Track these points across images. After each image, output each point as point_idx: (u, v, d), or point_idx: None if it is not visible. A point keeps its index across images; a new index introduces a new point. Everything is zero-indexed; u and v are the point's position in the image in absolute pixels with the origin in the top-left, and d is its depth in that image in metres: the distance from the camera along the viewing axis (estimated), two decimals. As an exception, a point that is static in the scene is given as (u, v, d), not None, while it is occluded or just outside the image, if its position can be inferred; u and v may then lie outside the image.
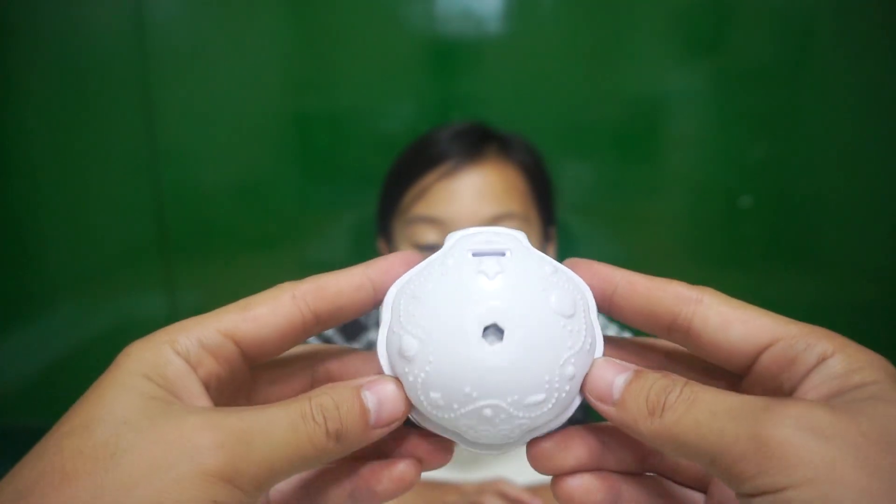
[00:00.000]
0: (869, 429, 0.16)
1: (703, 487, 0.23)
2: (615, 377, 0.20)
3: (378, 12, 1.12)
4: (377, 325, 0.78)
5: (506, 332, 0.20)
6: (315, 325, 0.22)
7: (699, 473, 0.23)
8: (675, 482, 0.23)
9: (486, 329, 0.20)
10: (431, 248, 0.66)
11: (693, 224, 1.23)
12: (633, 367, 0.21)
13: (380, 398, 0.20)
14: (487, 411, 0.20)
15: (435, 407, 0.21)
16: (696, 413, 0.18)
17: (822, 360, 0.19)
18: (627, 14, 1.13)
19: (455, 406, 0.20)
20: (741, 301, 0.21)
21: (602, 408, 0.20)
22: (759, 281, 1.25)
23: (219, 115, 1.17)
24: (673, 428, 0.18)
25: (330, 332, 0.78)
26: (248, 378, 0.23)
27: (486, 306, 0.20)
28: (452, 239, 0.24)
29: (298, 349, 0.25)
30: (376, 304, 0.23)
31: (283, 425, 0.19)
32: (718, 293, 0.21)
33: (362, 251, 1.22)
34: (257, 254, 1.24)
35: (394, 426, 0.21)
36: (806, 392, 0.18)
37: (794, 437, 0.16)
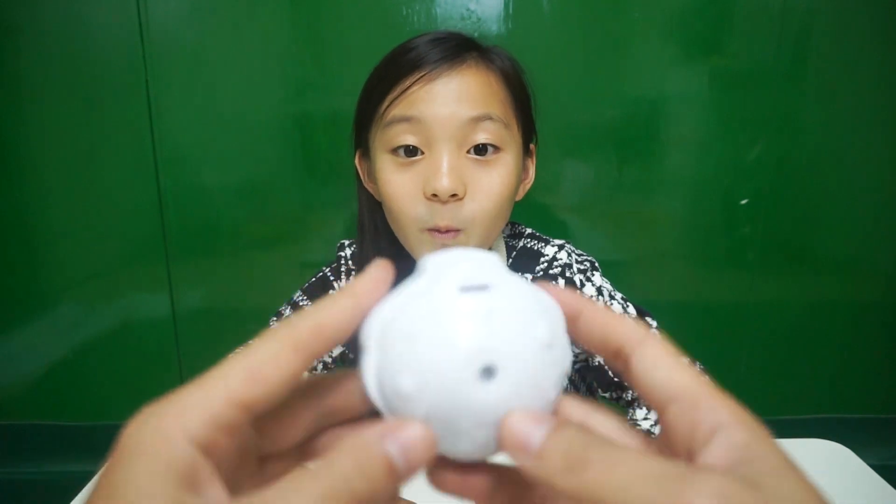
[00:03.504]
0: (771, 499, 0.18)
1: None
2: (534, 428, 0.20)
3: (378, 13, 1.12)
4: None
5: (499, 372, 0.21)
6: (311, 362, 0.21)
7: None
8: None
9: (481, 369, 0.21)
10: (408, 151, 0.64)
11: (692, 224, 1.24)
12: (550, 418, 0.21)
13: (404, 446, 0.20)
14: (481, 439, 0.22)
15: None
16: (619, 475, 0.18)
17: (721, 426, 0.20)
18: (627, 15, 1.13)
19: (450, 438, 0.22)
20: (678, 353, 0.23)
21: (519, 457, 0.20)
22: (758, 281, 1.25)
23: (219, 115, 1.17)
24: (593, 486, 0.19)
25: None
26: (255, 439, 0.23)
27: (480, 348, 0.21)
28: (431, 266, 0.24)
29: (296, 389, 0.24)
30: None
31: None
32: (663, 340, 0.23)
33: (362, 251, 1.22)
34: (257, 254, 1.24)
35: (423, 469, 0.21)
36: (712, 455, 0.20)
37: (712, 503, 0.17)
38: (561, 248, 0.79)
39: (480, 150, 0.65)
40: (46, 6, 1.12)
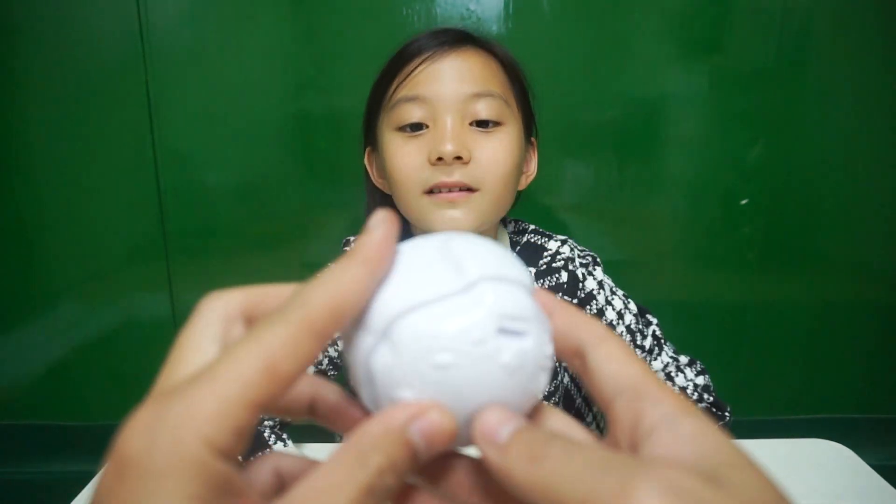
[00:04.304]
0: (736, 497, 0.16)
1: None
2: (503, 424, 0.20)
3: (378, 13, 1.12)
4: None
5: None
6: (327, 345, 0.20)
7: None
8: None
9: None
10: (414, 127, 0.67)
11: (692, 224, 1.24)
12: (523, 419, 0.21)
13: (426, 434, 0.20)
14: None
15: None
16: (572, 466, 0.18)
17: (665, 416, 0.19)
18: (627, 15, 1.13)
19: None
20: (636, 355, 0.22)
21: (486, 448, 0.20)
22: (758, 281, 1.25)
23: (219, 115, 1.17)
24: (549, 477, 0.18)
25: None
26: None
27: (497, 400, 0.21)
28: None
29: (266, 464, 0.24)
30: None
31: None
32: (622, 340, 0.23)
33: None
34: (257, 254, 1.24)
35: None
36: (657, 445, 0.19)
37: (662, 497, 0.16)
38: (564, 242, 0.80)
39: (482, 123, 0.68)
40: (46, 6, 1.12)
